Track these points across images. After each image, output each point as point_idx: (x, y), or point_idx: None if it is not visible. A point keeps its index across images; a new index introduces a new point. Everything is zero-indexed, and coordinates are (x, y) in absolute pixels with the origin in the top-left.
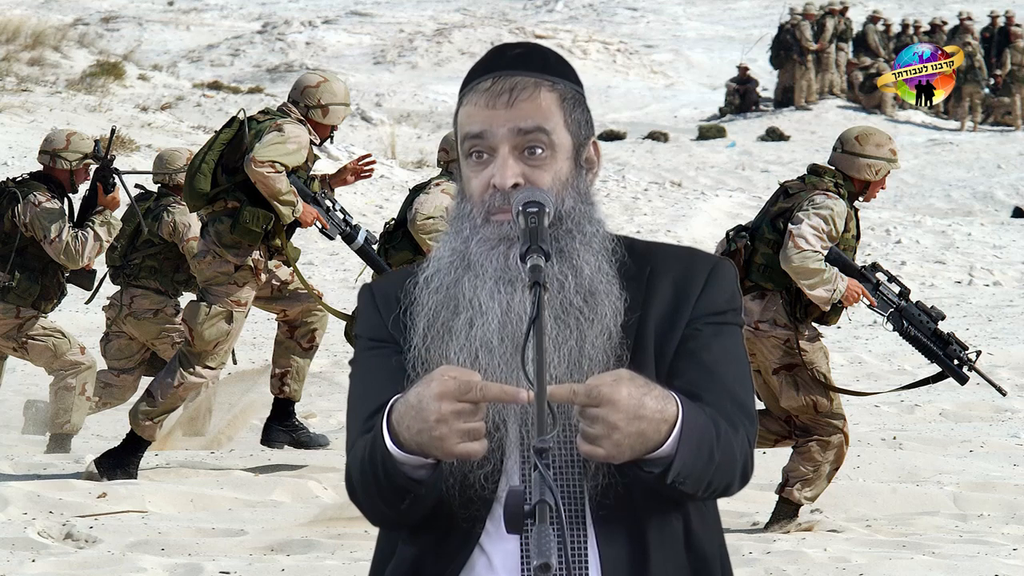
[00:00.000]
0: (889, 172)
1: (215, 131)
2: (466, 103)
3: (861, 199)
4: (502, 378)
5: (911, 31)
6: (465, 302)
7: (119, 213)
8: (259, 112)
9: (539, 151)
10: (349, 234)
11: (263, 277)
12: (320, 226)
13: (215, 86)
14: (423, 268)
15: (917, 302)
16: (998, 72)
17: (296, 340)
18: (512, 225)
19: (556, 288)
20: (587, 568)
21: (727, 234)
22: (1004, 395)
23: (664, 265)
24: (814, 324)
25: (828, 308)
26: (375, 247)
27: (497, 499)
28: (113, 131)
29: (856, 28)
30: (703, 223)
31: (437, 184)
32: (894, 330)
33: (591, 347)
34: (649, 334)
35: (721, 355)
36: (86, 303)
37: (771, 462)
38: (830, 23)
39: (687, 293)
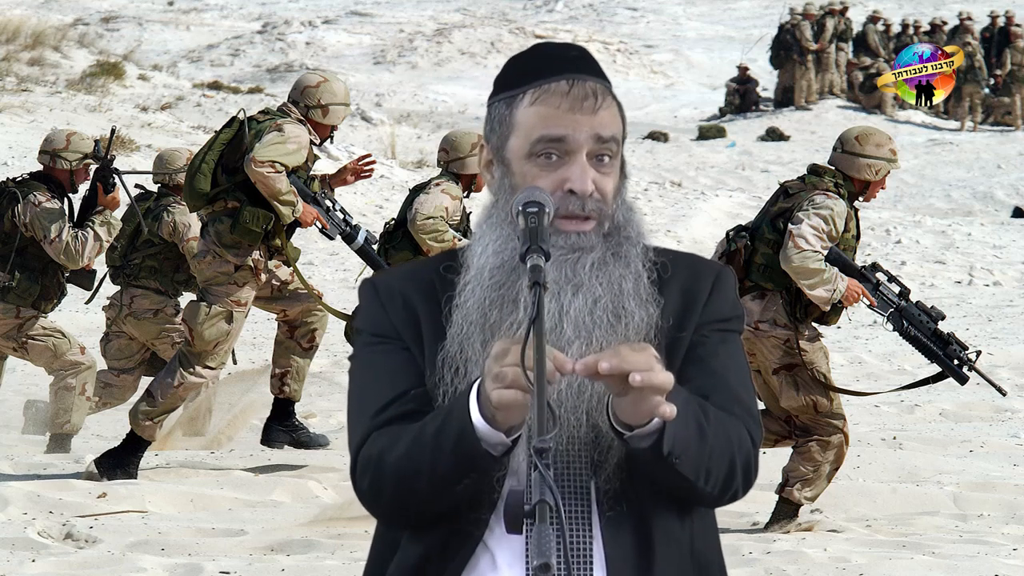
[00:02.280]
0: (889, 172)
1: (215, 131)
2: (540, 103)
3: (861, 199)
4: None
5: (911, 31)
6: (521, 304)
7: (119, 213)
8: (259, 112)
9: (607, 159)
10: (349, 234)
11: (263, 277)
12: (320, 226)
13: (215, 86)
14: (464, 260)
15: (917, 302)
16: (998, 72)
17: (296, 340)
18: (583, 236)
19: (616, 290)
20: (592, 569)
21: (727, 234)
22: (1004, 395)
23: (672, 272)
24: (814, 324)
25: (828, 308)
26: (375, 247)
27: (503, 499)
28: (113, 131)
29: (856, 28)
30: (703, 223)
31: (437, 184)
32: (894, 330)
33: None
34: (660, 337)
35: (728, 361)
36: (86, 303)
37: (771, 462)
38: (830, 23)
39: (694, 299)
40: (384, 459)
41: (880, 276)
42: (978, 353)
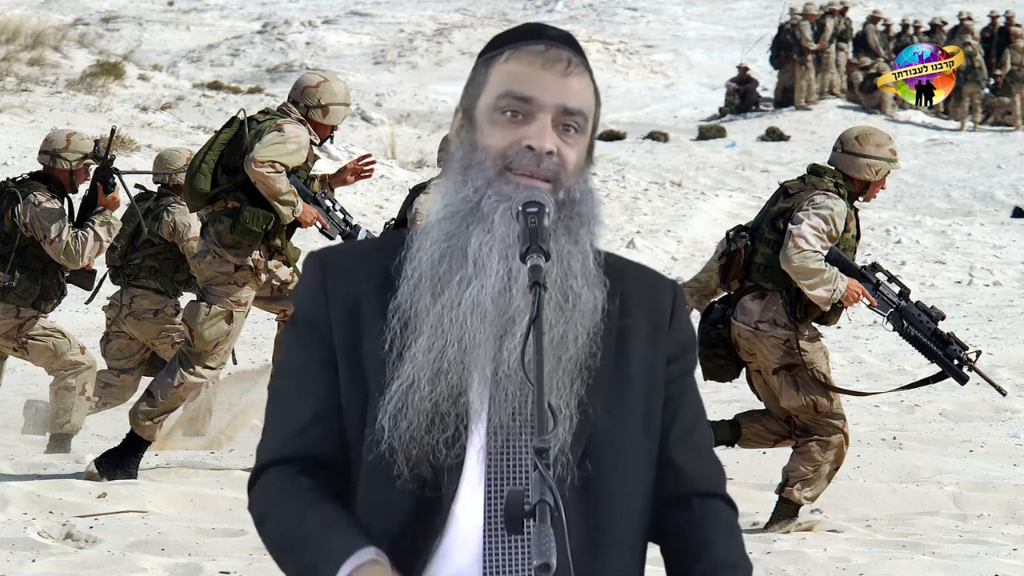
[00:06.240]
0: (889, 172)
1: (215, 131)
2: (513, 60)
3: (861, 199)
4: (486, 343)
5: (911, 31)
6: (470, 255)
7: (119, 213)
8: (259, 112)
9: (572, 131)
10: (349, 234)
11: (263, 277)
12: (320, 226)
13: (215, 86)
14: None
15: (917, 302)
16: (998, 72)
17: None
18: (534, 191)
19: (564, 267)
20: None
21: (727, 234)
22: (1004, 395)
23: (631, 283)
24: (814, 324)
25: (828, 308)
26: None
27: (465, 471)
28: (113, 131)
29: (856, 28)
30: (703, 223)
31: (437, 184)
32: (894, 330)
33: (572, 339)
34: (632, 350)
35: (697, 406)
36: (86, 303)
37: (771, 462)
38: (830, 23)
39: (660, 316)
40: (264, 525)
41: (880, 276)
42: (978, 353)
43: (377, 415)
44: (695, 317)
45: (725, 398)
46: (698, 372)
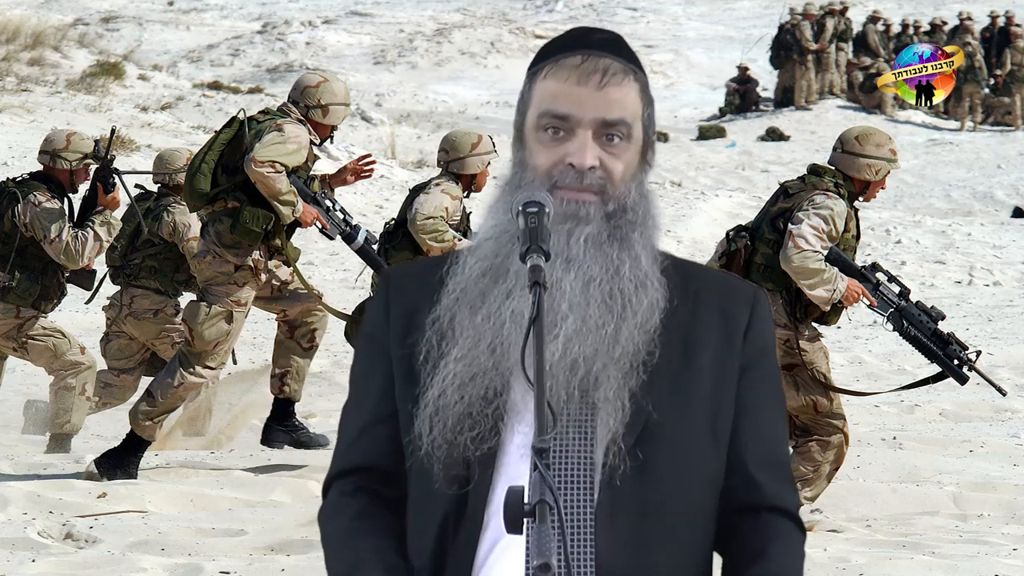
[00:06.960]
0: (889, 172)
1: (215, 131)
2: (551, 77)
3: (861, 199)
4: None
5: (911, 31)
6: (512, 272)
7: (119, 213)
8: (259, 112)
9: (617, 139)
10: (349, 234)
11: (263, 277)
12: (320, 226)
13: (215, 86)
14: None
15: (917, 302)
16: (998, 72)
17: (296, 340)
18: (581, 205)
19: (612, 271)
20: (591, 548)
21: (727, 234)
22: (1004, 395)
23: (706, 287)
24: (814, 324)
25: (828, 308)
26: (375, 247)
27: (500, 464)
28: (113, 131)
29: (856, 28)
30: (703, 223)
31: (437, 184)
32: (894, 330)
33: (626, 336)
34: (701, 352)
35: (778, 423)
36: (86, 303)
37: None
38: (830, 23)
39: (735, 322)
40: (323, 535)
41: (880, 276)
42: (978, 353)
43: (414, 423)
44: None
45: None
46: None
